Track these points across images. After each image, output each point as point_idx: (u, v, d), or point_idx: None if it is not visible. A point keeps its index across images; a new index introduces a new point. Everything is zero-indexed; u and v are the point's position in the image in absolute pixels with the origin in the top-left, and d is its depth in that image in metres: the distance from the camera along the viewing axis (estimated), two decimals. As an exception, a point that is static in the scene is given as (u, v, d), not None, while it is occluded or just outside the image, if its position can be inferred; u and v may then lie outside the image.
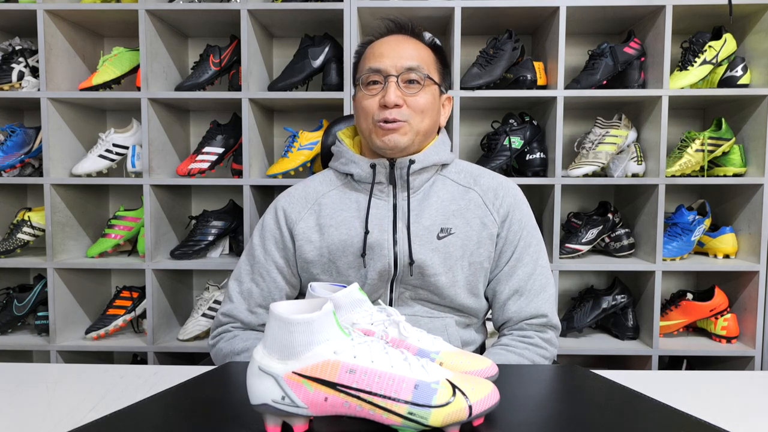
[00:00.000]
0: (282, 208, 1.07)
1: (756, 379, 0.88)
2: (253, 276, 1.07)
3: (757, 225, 1.78)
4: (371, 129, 1.00)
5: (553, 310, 1.05)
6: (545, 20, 1.86)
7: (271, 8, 1.75)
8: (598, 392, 0.72)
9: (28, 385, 0.85)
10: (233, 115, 1.97)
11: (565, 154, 2.01)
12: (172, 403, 0.69)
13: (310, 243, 1.04)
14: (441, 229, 1.01)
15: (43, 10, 1.75)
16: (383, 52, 1.00)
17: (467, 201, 1.04)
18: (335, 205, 1.05)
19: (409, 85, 1.00)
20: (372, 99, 1.00)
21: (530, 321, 1.03)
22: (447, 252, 1.00)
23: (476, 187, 1.05)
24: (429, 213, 1.01)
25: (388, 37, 1.04)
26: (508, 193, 1.06)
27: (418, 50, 1.02)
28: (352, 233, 1.01)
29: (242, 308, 1.06)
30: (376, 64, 0.99)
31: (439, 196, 1.03)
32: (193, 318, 1.90)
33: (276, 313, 0.56)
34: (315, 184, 1.09)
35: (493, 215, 1.03)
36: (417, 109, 1.00)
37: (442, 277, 1.00)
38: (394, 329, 0.74)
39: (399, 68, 0.98)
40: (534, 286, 1.04)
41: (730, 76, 1.80)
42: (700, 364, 1.92)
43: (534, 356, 1.02)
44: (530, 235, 1.06)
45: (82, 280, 1.96)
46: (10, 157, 1.87)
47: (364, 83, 1.01)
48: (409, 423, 0.56)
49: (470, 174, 1.08)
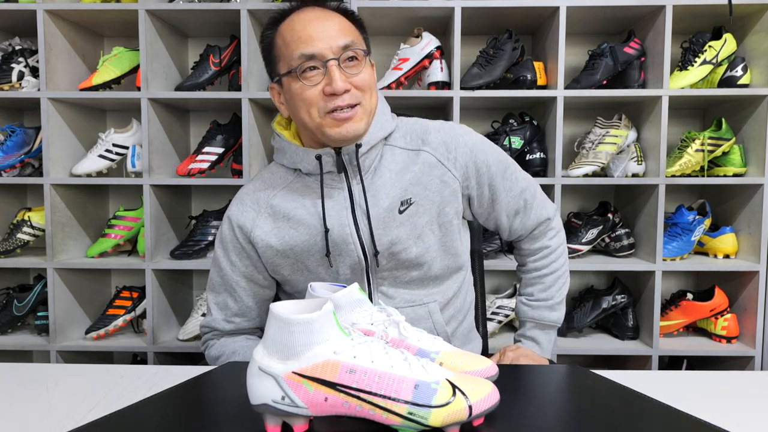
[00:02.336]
0: (235, 220, 1.02)
1: (756, 379, 0.88)
2: (225, 287, 1.06)
3: (757, 225, 1.78)
4: (320, 122, 0.92)
5: (549, 208, 1.10)
6: (545, 20, 1.86)
7: (272, 8, 1.75)
8: (598, 392, 0.72)
9: (28, 385, 0.85)
10: (233, 115, 1.97)
11: (565, 154, 2.01)
12: (172, 403, 0.69)
13: (271, 248, 1.00)
14: (401, 203, 0.96)
15: (43, 10, 1.75)
16: (311, 33, 0.90)
17: (421, 164, 0.98)
18: (288, 204, 0.99)
19: (349, 63, 0.91)
20: (314, 88, 0.90)
21: (538, 228, 1.09)
22: (412, 223, 0.97)
23: (425, 146, 0.99)
24: (385, 191, 0.96)
25: (303, 13, 0.93)
26: (458, 143, 1.00)
27: (342, 22, 0.94)
28: (312, 232, 0.97)
29: (219, 319, 1.06)
30: (309, 49, 0.89)
31: (391, 170, 0.98)
32: (193, 318, 1.90)
33: (276, 313, 0.56)
34: (264, 185, 1.03)
35: (451, 171, 0.99)
36: (365, 87, 0.93)
37: (413, 248, 0.97)
38: (394, 329, 0.74)
39: (336, 49, 0.89)
40: (527, 199, 1.06)
41: (730, 76, 1.80)
42: (700, 364, 1.92)
43: (553, 270, 1.11)
44: (499, 163, 1.03)
45: (82, 280, 1.96)
46: (10, 157, 1.87)
47: (300, 72, 0.90)
48: (409, 423, 0.56)
49: (416, 134, 1.01)
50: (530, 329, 1.12)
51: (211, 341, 1.09)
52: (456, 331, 1.07)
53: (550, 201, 1.12)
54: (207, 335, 1.10)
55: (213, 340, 1.08)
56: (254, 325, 1.08)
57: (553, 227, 1.11)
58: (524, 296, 1.14)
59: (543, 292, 1.11)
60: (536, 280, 1.12)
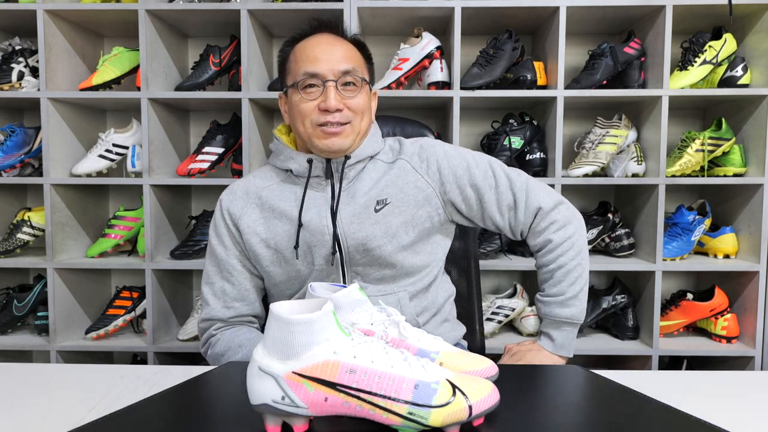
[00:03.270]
0: (226, 207, 1.09)
1: (756, 379, 0.88)
2: (221, 274, 1.10)
3: (757, 225, 1.78)
4: (310, 132, 1.02)
5: (543, 198, 1.09)
6: (545, 20, 1.86)
7: (271, 8, 1.75)
8: (598, 392, 0.72)
9: (28, 385, 0.85)
10: (233, 115, 1.97)
11: (565, 154, 2.01)
12: (172, 403, 0.69)
13: (257, 235, 1.06)
14: (377, 202, 1.04)
15: (43, 10, 1.75)
16: (317, 55, 1.02)
17: (397, 169, 1.07)
18: (276, 197, 1.07)
19: (346, 87, 1.02)
20: (311, 102, 1.02)
21: (536, 221, 1.09)
22: (387, 222, 1.03)
23: (402, 155, 1.09)
24: (363, 191, 1.05)
25: (317, 37, 1.05)
26: (430, 152, 1.08)
27: (348, 51, 1.05)
28: (294, 225, 1.04)
29: (219, 307, 1.09)
30: (313, 68, 1.01)
31: (371, 177, 1.07)
32: (193, 318, 1.90)
33: (276, 313, 0.56)
34: (256, 180, 1.11)
35: (424, 178, 1.06)
36: (357, 110, 1.03)
37: (387, 246, 1.03)
38: (394, 329, 0.74)
39: (336, 72, 1.01)
40: (516, 192, 1.08)
41: (730, 76, 1.80)
42: (700, 364, 1.92)
43: (561, 261, 1.09)
44: (477, 164, 1.08)
45: (82, 280, 1.96)
46: (10, 157, 1.87)
47: (302, 87, 1.02)
48: (409, 423, 0.56)
49: (395, 150, 1.11)
50: (545, 325, 1.12)
51: (213, 338, 1.09)
52: (428, 322, 1.10)
53: (548, 193, 1.11)
54: (208, 331, 1.10)
55: (215, 336, 1.08)
56: (253, 311, 1.11)
57: (555, 220, 1.09)
58: (538, 292, 1.15)
59: (553, 288, 1.10)
60: (546, 275, 1.12)
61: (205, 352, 1.10)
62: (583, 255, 1.11)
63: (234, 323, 1.09)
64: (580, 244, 1.10)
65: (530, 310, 1.90)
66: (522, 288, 1.94)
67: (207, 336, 1.10)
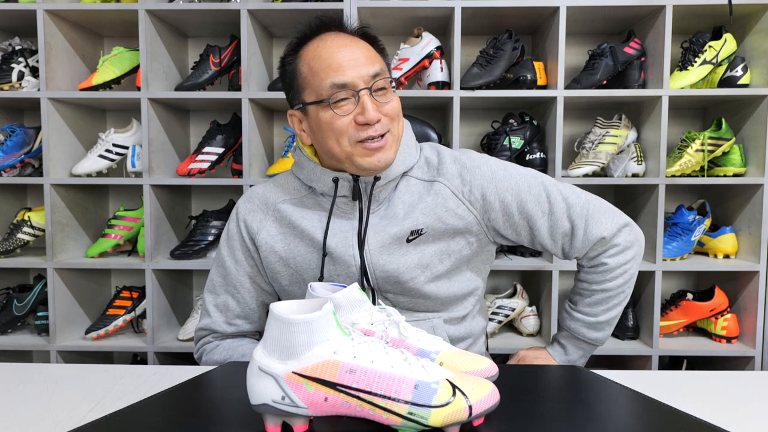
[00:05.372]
0: (243, 218, 1.01)
1: (756, 379, 0.88)
2: (227, 288, 1.03)
3: (757, 225, 1.78)
4: (349, 151, 0.90)
5: (606, 226, 0.98)
6: (545, 20, 1.86)
7: (271, 8, 1.75)
8: (599, 392, 0.72)
9: (28, 385, 0.85)
10: (233, 115, 1.97)
11: (565, 154, 2.01)
12: (172, 403, 0.69)
13: (275, 253, 0.99)
14: (411, 233, 0.94)
15: (43, 10, 1.75)
16: (340, 62, 0.88)
17: (434, 195, 0.96)
18: (296, 213, 0.98)
19: (378, 93, 0.90)
20: (345, 118, 0.89)
21: (595, 247, 0.99)
22: (420, 252, 0.95)
23: (440, 177, 0.97)
24: (395, 219, 0.95)
25: (326, 40, 0.92)
26: (474, 174, 0.97)
27: (367, 50, 0.92)
28: (316, 247, 0.96)
29: (220, 321, 1.03)
30: (340, 78, 0.88)
31: (405, 201, 0.96)
32: (193, 318, 1.90)
33: (276, 313, 0.56)
34: (276, 190, 1.02)
35: (465, 204, 0.96)
36: (393, 115, 0.93)
37: (420, 277, 0.95)
38: (394, 329, 0.74)
39: (366, 79, 0.89)
40: (575, 220, 0.98)
41: (730, 76, 1.80)
42: (700, 364, 1.92)
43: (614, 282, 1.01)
44: (530, 188, 0.97)
45: (82, 280, 1.96)
46: (10, 157, 1.87)
47: (333, 102, 0.88)
48: (409, 423, 0.56)
49: (432, 165, 0.99)
50: (563, 336, 1.07)
51: (209, 344, 1.04)
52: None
53: (612, 216, 1.01)
54: (204, 338, 1.05)
55: (212, 343, 1.04)
56: (255, 328, 1.06)
57: (616, 244, 1.00)
58: (569, 301, 1.07)
59: (587, 307, 1.03)
60: (584, 291, 1.04)
61: (200, 358, 1.06)
62: (631, 283, 1.03)
63: (235, 337, 1.05)
64: (632, 272, 1.02)
65: (530, 310, 1.90)
66: (522, 288, 1.94)
67: (203, 342, 1.06)
